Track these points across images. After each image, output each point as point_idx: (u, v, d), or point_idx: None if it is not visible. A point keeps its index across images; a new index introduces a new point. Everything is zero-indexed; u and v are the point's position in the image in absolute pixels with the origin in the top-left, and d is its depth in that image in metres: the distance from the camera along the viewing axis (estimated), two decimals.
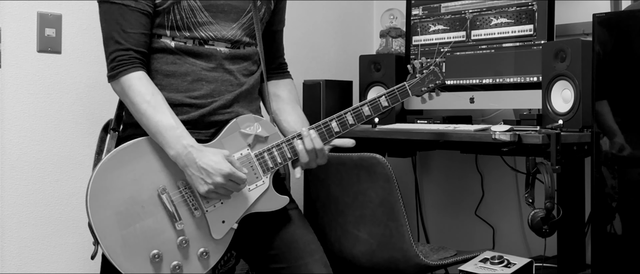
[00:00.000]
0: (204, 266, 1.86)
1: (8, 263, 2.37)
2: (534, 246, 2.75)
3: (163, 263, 1.81)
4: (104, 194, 1.79)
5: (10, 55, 2.36)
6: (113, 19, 1.83)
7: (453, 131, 2.33)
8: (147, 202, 1.81)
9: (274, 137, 1.93)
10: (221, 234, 1.87)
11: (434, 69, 2.03)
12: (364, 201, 2.31)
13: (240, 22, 1.94)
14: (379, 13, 3.18)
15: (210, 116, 1.89)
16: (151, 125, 1.80)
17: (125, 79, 1.81)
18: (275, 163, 1.91)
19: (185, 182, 1.84)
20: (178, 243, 1.83)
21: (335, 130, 1.95)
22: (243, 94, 1.95)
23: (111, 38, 1.83)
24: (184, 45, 1.88)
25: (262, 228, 1.97)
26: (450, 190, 3.10)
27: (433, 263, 2.27)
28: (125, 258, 1.79)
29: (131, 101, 1.82)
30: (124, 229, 1.79)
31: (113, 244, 1.79)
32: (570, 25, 2.58)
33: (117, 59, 1.82)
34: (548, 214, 2.03)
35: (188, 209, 1.84)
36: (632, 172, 1.93)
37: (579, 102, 2.18)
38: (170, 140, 1.79)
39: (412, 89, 2.02)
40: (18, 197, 2.38)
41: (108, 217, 1.78)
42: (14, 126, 2.37)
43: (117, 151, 1.82)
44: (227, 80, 1.92)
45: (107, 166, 1.81)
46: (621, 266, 1.96)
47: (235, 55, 1.94)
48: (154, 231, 1.81)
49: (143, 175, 1.82)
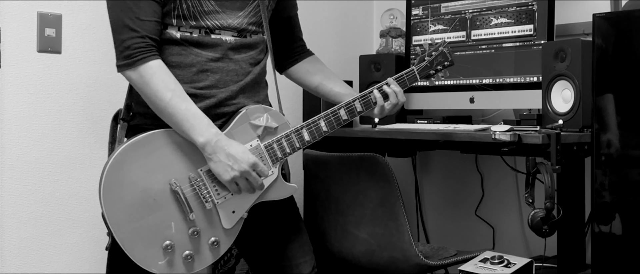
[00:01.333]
0: (215, 255, 1.90)
1: (8, 263, 2.37)
2: (534, 246, 2.75)
3: (175, 253, 1.85)
4: (117, 188, 1.81)
5: (10, 55, 2.36)
6: (126, 7, 1.81)
7: (453, 131, 2.34)
8: (159, 195, 1.83)
9: (283, 127, 1.94)
10: (232, 223, 1.90)
11: (443, 50, 2.03)
12: (364, 201, 2.31)
13: (247, 10, 1.94)
14: (379, 13, 3.18)
15: (216, 108, 1.90)
16: (178, 113, 1.80)
17: (145, 67, 1.80)
18: (284, 153, 1.93)
19: (196, 175, 1.86)
20: (190, 234, 1.86)
21: (343, 118, 1.97)
22: (249, 85, 1.95)
23: (125, 26, 1.80)
24: (190, 36, 1.88)
25: (263, 225, 1.99)
26: (450, 190, 3.10)
27: (433, 263, 2.27)
28: (138, 248, 1.82)
29: (153, 89, 1.80)
30: (137, 221, 1.82)
31: (127, 235, 1.81)
32: (570, 25, 2.57)
33: (133, 46, 1.80)
34: (548, 214, 2.03)
35: (199, 202, 1.87)
36: (632, 172, 1.93)
37: (579, 102, 2.18)
38: (199, 127, 1.81)
39: (420, 73, 2.02)
40: (18, 197, 2.38)
41: (122, 209, 1.81)
42: (14, 126, 2.37)
43: (129, 145, 1.83)
44: (232, 70, 1.92)
45: (120, 159, 1.82)
46: (621, 266, 1.96)
47: (242, 44, 1.94)
48: (166, 223, 1.84)
49: (155, 168, 1.84)
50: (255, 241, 2.01)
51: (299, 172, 2.65)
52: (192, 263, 1.86)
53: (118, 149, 1.83)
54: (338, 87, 2.12)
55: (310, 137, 1.94)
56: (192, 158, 1.86)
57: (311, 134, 1.94)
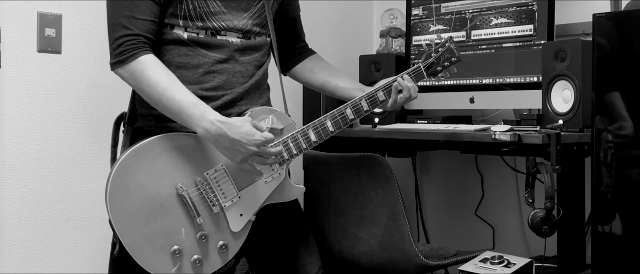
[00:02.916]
0: (223, 259, 1.88)
1: (8, 263, 2.37)
2: (534, 246, 2.75)
3: (183, 258, 1.84)
4: (123, 193, 1.79)
5: (10, 55, 2.36)
6: (123, 6, 1.79)
7: (453, 131, 2.33)
8: (166, 200, 1.82)
9: (289, 128, 1.93)
10: (239, 226, 1.89)
11: (450, 46, 2.02)
12: (364, 201, 2.31)
13: (251, 11, 1.94)
14: (379, 13, 3.18)
15: (221, 110, 1.88)
16: (172, 105, 1.78)
17: (136, 63, 1.78)
18: (291, 154, 1.91)
19: (202, 179, 1.85)
20: (198, 238, 1.85)
21: (350, 117, 1.95)
22: (254, 87, 1.95)
23: (119, 24, 1.79)
24: (196, 37, 1.87)
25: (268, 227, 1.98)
26: (450, 190, 3.10)
27: (433, 263, 2.27)
28: (146, 254, 1.81)
29: (146, 84, 1.78)
30: (144, 227, 1.80)
31: (134, 241, 1.80)
32: (570, 25, 2.57)
33: (125, 44, 1.78)
34: (548, 214, 2.03)
35: (206, 206, 1.85)
36: (632, 173, 1.93)
37: (579, 102, 2.18)
38: (195, 117, 1.78)
39: (427, 70, 2.01)
40: (18, 197, 2.38)
41: (129, 215, 1.80)
42: (14, 126, 2.37)
43: (134, 150, 1.82)
44: (238, 71, 1.92)
45: (125, 165, 1.81)
46: (621, 266, 1.96)
47: (247, 46, 1.93)
48: (174, 228, 1.83)
49: (161, 173, 1.82)
50: (261, 243, 2.00)
51: (299, 172, 2.65)
52: (201, 267, 1.85)
53: (123, 155, 1.82)
54: (344, 82, 2.09)
55: (317, 137, 1.93)
56: (198, 162, 1.85)
57: (318, 135, 1.93)
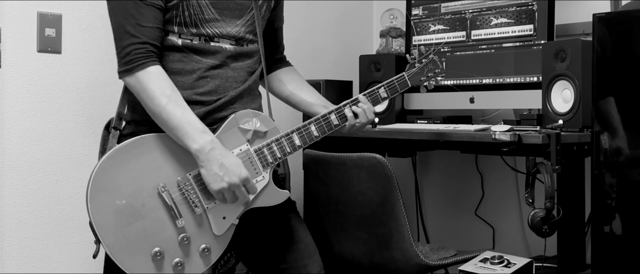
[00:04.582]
0: (206, 262, 1.86)
1: (8, 263, 2.37)
2: (534, 246, 2.75)
3: (165, 261, 1.81)
4: (104, 193, 1.78)
5: (10, 55, 2.36)
6: (128, 13, 1.81)
7: (453, 131, 2.34)
8: (148, 200, 1.81)
9: (273, 132, 1.93)
10: (222, 230, 1.87)
11: (433, 58, 2.03)
12: (364, 201, 2.31)
13: (244, 19, 1.95)
14: (379, 13, 3.18)
15: (215, 112, 1.89)
16: (173, 119, 1.79)
17: (143, 73, 1.80)
18: (274, 158, 1.91)
19: (185, 179, 1.84)
20: (179, 240, 1.83)
21: (334, 123, 1.96)
22: (246, 92, 1.95)
23: (126, 32, 1.80)
24: (191, 43, 1.88)
25: (262, 229, 1.98)
26: (450, 190, 3.10)
27: (433, 263, 2.27)
28: (127, 256, 1.79)
29: (149, 95, 1.80)
30: (125, 228, 1.79)
31: (114, 242, 1.78)
32: (570, 25, 2.58)
33: (133, 52, 1.80)
34: (548, 214, 2.03)
35: (188, 207, 1.84)
36: (632, 172, 1.93)
37: (579, 102, 2.18)
38: (193, 134, 1.79)
39: (411, 79, 2.01)
40: (18, 197, 2.38)
41: (109, 216, 1.78)
42: (14, 126, 2.37)
43: (116, 150, 1.82)
44: (231, 77, 1.92)
45: (107, 165, 1.80)
46: (621, 266, 1.96)
47: (240, 52, 1.94)
48: (155, 229, 1.81)
49: (143, 173, 1.81)
50: (256, 247, 1.99)
51: (299, 172, 2.65)
52: (183, 270, 1.83)
53: (105, 155, 1.81)
54: (309, 97, 2.10)
55: (301, 141, 1.93)
56: (181, 162, 1.84)
57: (302, 139, 1.93)
